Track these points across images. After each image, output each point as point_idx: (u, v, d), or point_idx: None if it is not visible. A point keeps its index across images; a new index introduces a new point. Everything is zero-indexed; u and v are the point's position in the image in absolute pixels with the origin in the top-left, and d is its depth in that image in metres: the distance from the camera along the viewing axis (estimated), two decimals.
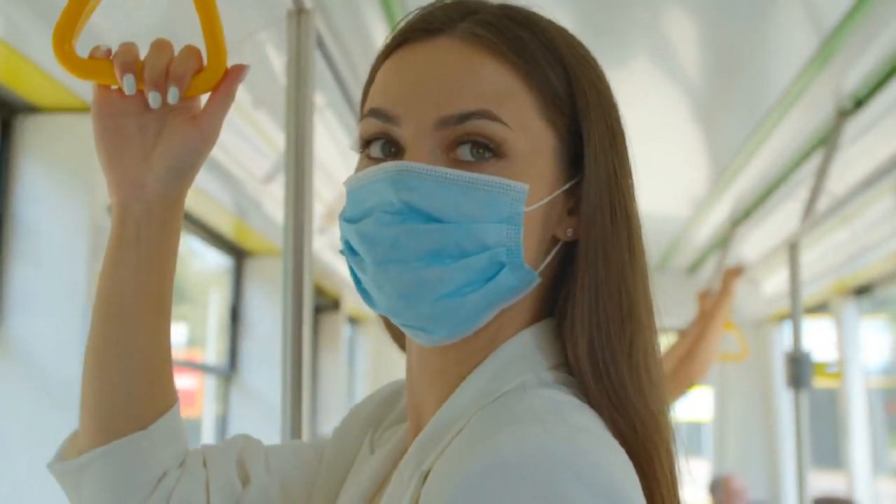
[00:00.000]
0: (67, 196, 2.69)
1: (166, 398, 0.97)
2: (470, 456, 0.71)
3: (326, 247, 4.51)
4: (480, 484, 0.69)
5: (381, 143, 0.85)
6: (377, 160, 0.85)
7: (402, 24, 0.89)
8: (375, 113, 0.85)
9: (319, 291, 5.56)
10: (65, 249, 2.66)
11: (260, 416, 4.61)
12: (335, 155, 3.52)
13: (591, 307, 0.83)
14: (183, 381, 4.84)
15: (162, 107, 0.90)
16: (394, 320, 0.86)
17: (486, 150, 0.82)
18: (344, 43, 2.81)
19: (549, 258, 0.86)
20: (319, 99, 2.86)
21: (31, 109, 2.71)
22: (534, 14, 0.89)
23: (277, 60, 2.77)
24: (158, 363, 0.96)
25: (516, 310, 0.86)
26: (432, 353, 0.87)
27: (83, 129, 2.71)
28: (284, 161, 1.67)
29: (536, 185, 0.83)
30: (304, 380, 1.62)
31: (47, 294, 2.66)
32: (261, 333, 4.67)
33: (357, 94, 2.17)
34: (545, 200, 0.84)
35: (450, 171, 0.81)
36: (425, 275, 0.81)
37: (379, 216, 0.81)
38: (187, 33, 0.97)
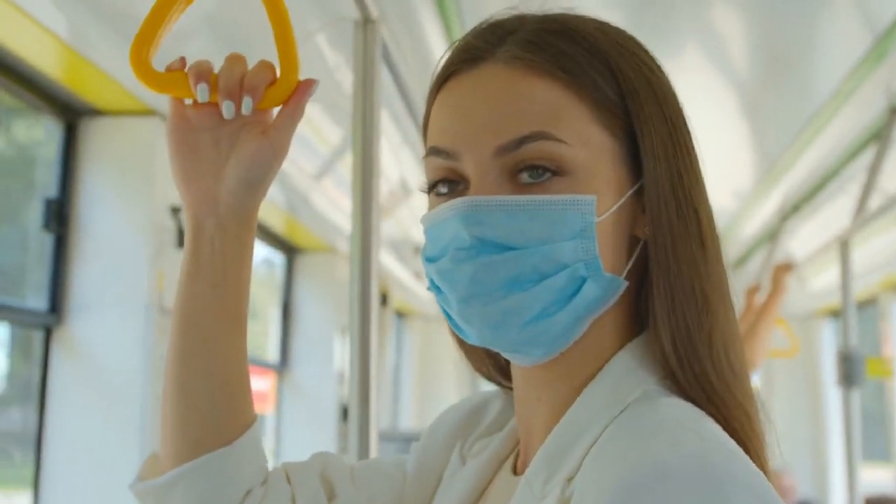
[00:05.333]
0: (129, 197, 2.73)
1: (246, 413, 0.97)
2: (628, 464, 0.72)
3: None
4: (645, 490, 0.70)
5: (446, 181, 0.86)
6: (446, 196, 0.86)
7: (445, 57, 0.90)
8: (436, 151, 0.86)
9: None
10: (126, 250, 2.71)
11: (311, 411, 4.65)
12: (387, 153, 3.55)
13: (668, 306, 0.83)
14: (256, 383, 4.88)
15: (235, 119, 0.90)
16: (490, 348, 0.88)
17: (548, 170, 0.82)
18: (405, 50, 2.84)
19: (632, 260, 0.86)
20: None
21: (95, 113, 2.76)
22: (573, 19, 0.88)
23: (331, 61, 2.80)
24: (237, 378, 0.96)
25: (612, 315, 0.86)
26: (537, 369, 0.87)
27: (145, 132, 2.75)
28: (352, 171, 1.69)
29: (604, 193, 0.83)
30: (372, 379, 1.64)
31: (109, 294, 2.71)
32: (311, 329, 4.71)
33: (418, 99, 2.21)
34: (615, 206, 0.84)
35: (515, 198, 0.82)
36: (508, 303, 0.82)
37: (454, 253, 0.82)
38: (258, 50, 0.98)
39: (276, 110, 0.93)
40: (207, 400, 0.94)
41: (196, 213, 0.93)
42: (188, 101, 0.92)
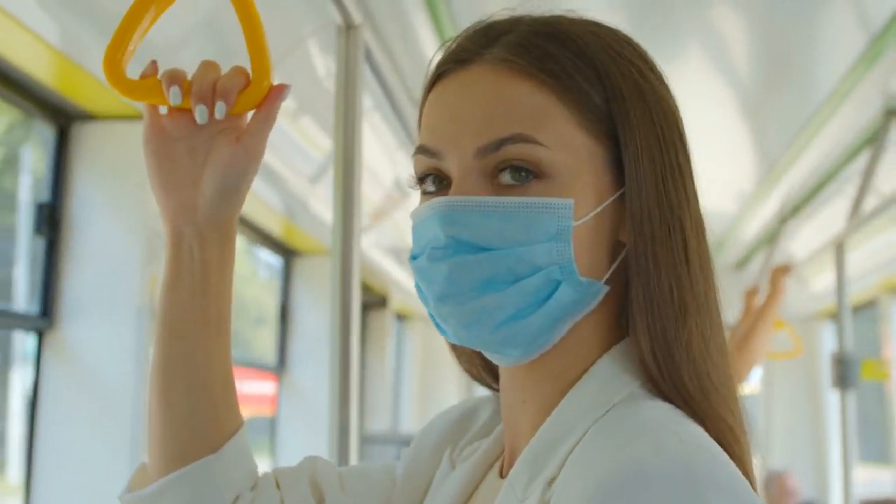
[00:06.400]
0: (122, 201, 2.73)
1: (232, 420, 0.98)
2: (608, 465, 0.72)
3: (373, 245, 4.55)
4: (622, 492, 0.70)
5: (433, 178, 0.88)
6: (432, 194, 0.88)
7: (438, 57, 0.91)
8: (422, 150, 0.88)
9: (366, 289, 5.60)
10: (119, 254, 2.71)
11: (309, 414, 4.66)
12: (381, 156, 3.55)
13: (647, 314, 0.84)
14: (264, 387, 4.89)
15: (209, 126, 0.91)
16: (468, 346, 0.89)
17: (527, 173, 0.83)
18: (393, 53, 2.84)
19: (615, 265, 0.87)
20: (367, 101, 2.89)
21: (87, 117, 2.76)
22: (566, 22, 0.88)
23: (322, 66, 2.81)
24: (221, 385, 0.96)
25: (596, 318, 0.87)
26: (521, 370, 0.88)
27: (138, 136, 2.73)
28: (333, 169, 1.71)
29: (584, 198, 0.84)
30: (352, 381, 1.65)
31: (102, 298, 2.71)
32: (309, 332, 4.71)
33: (404, 102, 2.21)
34: (596, 211, 0.84)
35: (491, 199, 0.82)
36: (482, 303, 0.83)
37: (430, 252, 0.84)
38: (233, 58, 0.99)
39: (249, 117, 0.93)
40: (191, 408, 0.95)
41: (174, 223, 0.94)
42: (162, 110, 0.93)
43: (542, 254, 0.82)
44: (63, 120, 2.75)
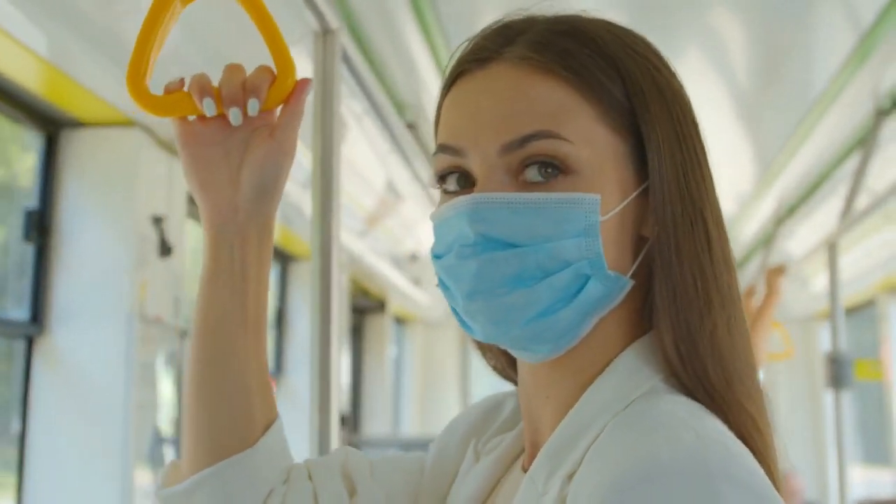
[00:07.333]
0: (111, 207, 2.75)
1: (267, 415, 0.99)
2: (623, 460, 0.73)
3: (369, 250, 4.56)
4: (636, 487, 0.71)
5: (455, 177, 0.88)
6: (454, 193, 0.88)
7: (456, 56, 0.92)
8: (444, 148, 0.88)
9: (364, 293, 5.60)
10: (108, 259, 2.73)
11: (302, 417, 4.67)
12: (374, 161, 3.56)
13: (671, 306, 0.84)
14: None
15: (242, 127, 0.93)
16: (496, 344, 0.90)
17: (553, 168, 0.83)
18: (377, 56, 2.85)
19: (639, 259, 0.87)
20: (357, 107, 2.90)
21: (75, 124, 2.78)
22: (582, 20, 0.89)
23: (308, 74, 2.82)
24: (257, 381, 0.97)
25: (620, 313, 0.87)
26: (544, 366, 0.89)
27: (126, 143, 2.77)
28: (311, 173, 1.71)
29: (609, 193, 0.84)
30: (333, 387, 1.65)
31: (91, 303, 2.72)
32: (304, 335, 4.73)
33: (385, 104, 2.22)
34: (621, 206, 0.85)
35: (519, 195, 0.83)
36: (512, 300, 0.83)
37: (458, 250, 0.84)
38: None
39: (277, 114, 0.95)
40: (227, 406, 0.96)
41: (215, 223, 0.95)
42: (192, 118, 0.95)
43: (571, 249, 0.82)
44: (51, 127, 2.78)
